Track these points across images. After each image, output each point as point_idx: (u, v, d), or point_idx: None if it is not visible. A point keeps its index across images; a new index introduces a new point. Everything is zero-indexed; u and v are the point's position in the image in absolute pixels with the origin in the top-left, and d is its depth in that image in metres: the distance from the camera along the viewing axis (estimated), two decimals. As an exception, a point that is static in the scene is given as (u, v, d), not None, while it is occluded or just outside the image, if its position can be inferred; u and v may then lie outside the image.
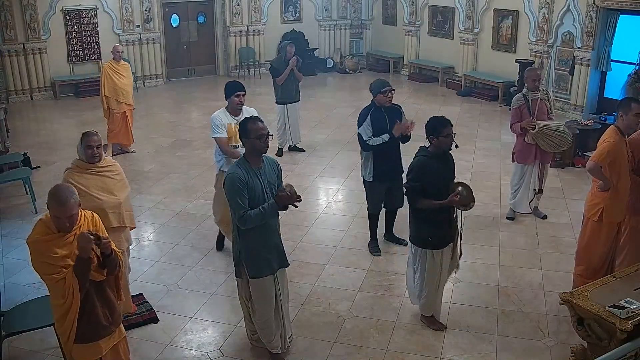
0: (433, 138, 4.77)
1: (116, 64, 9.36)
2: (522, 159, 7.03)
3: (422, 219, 4.86)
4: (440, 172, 4.79)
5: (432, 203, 4.70)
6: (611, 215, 5.13)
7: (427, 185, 4.73)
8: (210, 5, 15.65)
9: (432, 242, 4.87)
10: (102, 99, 9.46)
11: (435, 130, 4.74)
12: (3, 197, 8.02)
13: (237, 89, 5.85)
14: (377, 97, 6.04)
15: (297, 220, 7.08)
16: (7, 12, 12.89)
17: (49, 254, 3.40)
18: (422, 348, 4.87)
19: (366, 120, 6.01)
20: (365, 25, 17.70)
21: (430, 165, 4.76)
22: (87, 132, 4.73)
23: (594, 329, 4.10)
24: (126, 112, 9.53)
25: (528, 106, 6.82)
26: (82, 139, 4.69)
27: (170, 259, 6.37)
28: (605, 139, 5.06)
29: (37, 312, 4.55)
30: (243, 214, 4.15)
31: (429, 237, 4.86)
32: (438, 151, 4.80)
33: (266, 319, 4.52)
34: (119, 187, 4.87)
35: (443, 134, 4.71)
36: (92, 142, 4.64)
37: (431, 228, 4.83)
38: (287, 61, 9.08)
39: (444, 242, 4.90)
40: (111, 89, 9.29)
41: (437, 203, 4.69)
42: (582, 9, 11.26)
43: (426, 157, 4.81)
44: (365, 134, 6.00)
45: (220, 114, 5.91)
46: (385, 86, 6.05)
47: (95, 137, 4.68)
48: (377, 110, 6.05)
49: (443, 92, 14.31)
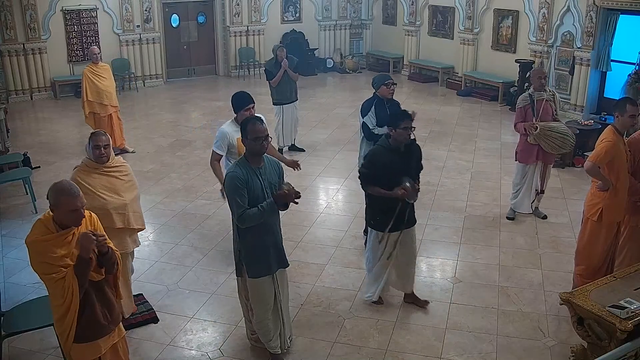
0: (391, 129, 4.92)
1: (95, 67, 9.31)
2: (524, 159, 7.03)
3: (370, 202, 5.24)
4: (394, 164, 4.90)
5: (379, 191, 4.95)
6: (611, 215, 5.13)
7: (377, 174, 4.92)
8: (210, 5, 15.66)
9: (376, 224, 5.18)
10: (83, 105, 9.35)
11: (393, 122, 4.91)
12: (3, 197, 8.02)
13: (247, 103, 5.61)
14: (381, 89, 6.30)
15: (297, 220, 7.08)
16: (7, 12, 12.90)
17: (48, 254, 3.40)
18: (422, 348, 4.87)
19: (371, 110, 6.27)
20: (365, 25, 17.70)
21: (383, 156, 4.95)
22: (95, 132, 4.75)
23: (594, 329, 4.10)
24: (112, 114, 9.45)
25: (533, 106, 6.80)
26: (90, 139, 4.70)
27: (170, 259, 6.37)
28: (603, 139, 5.06)
29: (37, 312, 4.54)
30: (242, 212, 4.15)
31: (374, 219, 5.21)
32: (397, 143, 4.94)
33: (262, 320, 4.53)
34: (126, 188, 4.86)
35: (400, 126, 4.85)
36: (99, 142, 4.65)
37: (377, 211, 5.15)
38: (279, 64, 9.15)
39: (388, 227, 5.08)
40: (94, 92, 9.21)
41: (383, 192, 4.92)
42: (582, 9, 11.26)
43: (382, 147, 5.01)
44: (371, 123, 6.25)
45: (230, 129, 5.71)
46: (388, 79, 6.35)
47: (103, 137, 4.68)
48: (380, 102, 6.29)
49: (443, 92, 14.31)
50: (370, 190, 5.06)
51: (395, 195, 4.85)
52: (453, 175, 8.69)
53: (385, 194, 4.91)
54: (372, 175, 4.96)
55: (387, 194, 4.89)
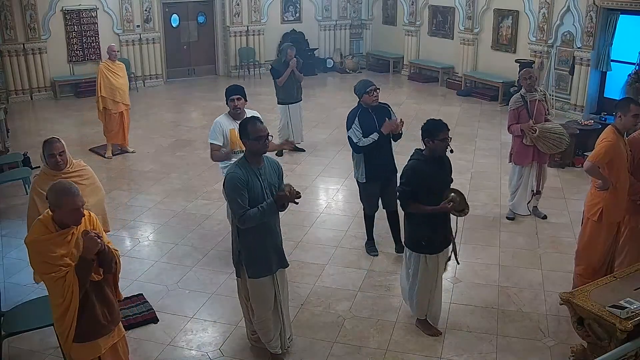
0: (428, 141, 4.64)
1: (112, 64, 9.36)
2: (519, 161, 7.02)
3: (415, 223, 4.77)
4: (434, 177, 4.67)
5: (424, 208, 4.61)
6: (611, 215, 5.12)
7: (419, 189, 4.63)
8: (210, 5, 15.65)
9: (425, 247, 4.78)
10: (97, 100, 9.41)
11: (431, 133, 4.62)
12: (3, 197, 8.02)
13: (231, 93, 5.85)
14: (363, 97, 5.99)
15: (297, 220, 7.08)
16: (7, 12, 12.88)
17: (47, 253, 3.40)
18: (422, 348, 4.86)
19: (354, 122, 5.96)
20: (365, 25, 17.70)
21: (422, 169, 4.65)
22: (48, 140, 4.67)
23: (594, 329, 4.10)
24: (123, 112, 9.52)
25: (527, 107, 6.80)
26: (43, 147, 4.64)
27: (170, 259, 6.37)
28: (603, 139, 5.05)
29: (37, 312, 4.54)
30: (242, 213, 4.15)
31: (422, 242, 4.77)
32: (433, 155, 4.69)
33: (263, 320, 4.53)
34: (89, 192, 4.76)
35: (439, 137, 4.59)
36: (54, 150, 4.60)
37: (424, 232, 4.72)
38: (288, 63, 9.13)
39: (438, 248, 4.82)
40: (108, 89, 9.27)
41: (429, 209, 4.60)
42: (582, 9, 11.26)
43: (419, 161, 4.71)
44: (355, 136, 5.94)
45: (223, 120, 5.89)
46: (369, 86, 5.98)
47: (57, 145, 4.62)
48: (364, 111, 6.01)
49: (443, 92, 14.31)
50: (412, 209, 4.68)
51: (445, 210, 4.57)
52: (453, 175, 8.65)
53: (430, 210, 4.58)
54: (414, 192, 4.63)
55: (433, 209, 4.56)
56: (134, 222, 7.25)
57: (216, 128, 5.85)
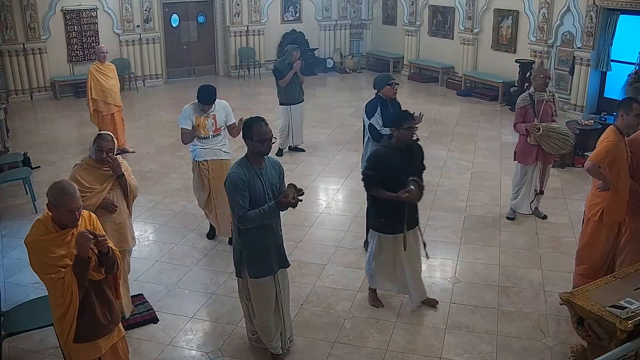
0: (394, 130, 4.91)
1: (102, 65, 9.31)
2: (523, 159, 7.01)
3: (373, 204, 5.12)
4: (398, 165, 4.88)
5: (383, 193, 4.89)
6: (611, 215, 5.12)
7: (381, 175, 4.87)
8: (210, 5, 15.65)
9: (380, 227, 5.12)
10: (88, 103, 9.35)
11: (396, 122, 4.90)
12: (3, 197, 8.02)
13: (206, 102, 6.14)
14: (384, 89, 6.25)
15: (297, 220, 7.08)
16: (7, 12, 12.89)
17: (47, 254, 3.40)
18: (422, 348, 4.86)
19: (377, 111, 6.21)
20: (365, 25, 17.70)
21: (387, 157, 4.91)
22: (101, 134, 4.81)
23: (594, 329, 4.10)
24: (114, 113, 9.45)
25: (533, 107, 6.78)
26: (95, 139, 4.75)
27: (170, 259, 6.37)
28: (604, 139, 5.05)
29: (37, 312, 4.54)
30: (243, 213, 4.14)
31: (377, 222, 5.14)
32: (400, 144, 4.92)
33: (265, 320, 4.52)
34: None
35: (403, 126, 4.84)
36: (102, 146, 4.70)
37: (381, 214, 5.06)
38: (291, 64, 9.11)
39: (392, 230, 5.06)
40: (99, 90, 9.21)
41: (387, 194, 4.86)
42: (582, 9, 11.26)
43: (386, 149, 4.97)
44: (378, 125, 6.18)
45: (190, 107, 6.23)
46: (391, 79, 6.33)
47: (106, 143, 4.72)
48: (383, 102, 6.25)
49: (443, 92, 14.31)
50: (374, 192, 4.99)
51: (400, 198, 4.79)
52: (453, 175, 8.69)
53: (390, 197, 4.83)
54: (377, 176, 4.90)
55: (392, 196, 4.81)
56: (133, 222, 7.22)
57: (185, 114, 6.19)
